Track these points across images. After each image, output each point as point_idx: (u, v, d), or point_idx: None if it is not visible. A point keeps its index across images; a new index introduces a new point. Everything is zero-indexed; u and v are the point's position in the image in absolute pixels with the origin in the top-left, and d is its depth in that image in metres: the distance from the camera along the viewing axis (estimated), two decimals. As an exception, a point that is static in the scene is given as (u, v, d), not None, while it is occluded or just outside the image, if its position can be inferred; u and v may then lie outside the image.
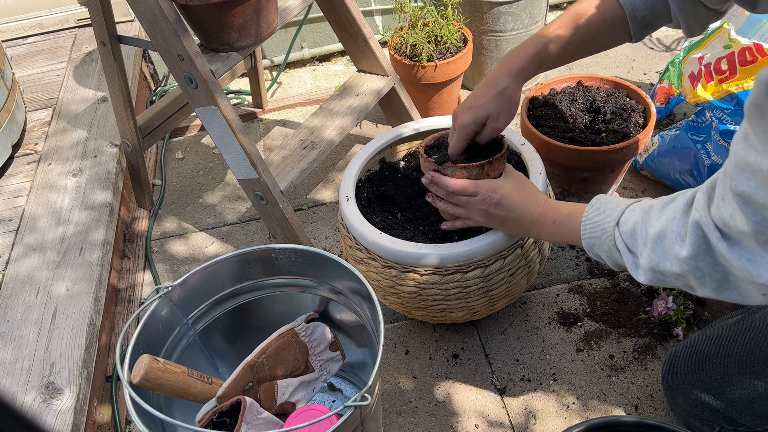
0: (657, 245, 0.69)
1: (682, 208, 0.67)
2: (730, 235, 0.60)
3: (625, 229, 0.75)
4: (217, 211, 1.58)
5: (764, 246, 0.57)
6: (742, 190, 0.56)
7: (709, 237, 0.62)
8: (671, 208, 0.69)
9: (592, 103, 1.34)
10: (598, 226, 0.79)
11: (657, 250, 0.69)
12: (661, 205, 0.71)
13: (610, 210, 0.78)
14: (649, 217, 0.72)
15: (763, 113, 0.52)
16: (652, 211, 0.72)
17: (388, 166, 1.24)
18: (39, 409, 0.99)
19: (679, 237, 0.66)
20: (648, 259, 0.71)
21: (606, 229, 0.78)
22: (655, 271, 0.71)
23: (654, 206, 0.72)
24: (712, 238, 0.61)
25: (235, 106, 1.90)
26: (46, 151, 1.54)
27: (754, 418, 0.86)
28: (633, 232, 0.74)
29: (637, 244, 0.73)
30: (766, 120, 0.53)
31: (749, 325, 0.89)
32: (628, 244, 0.74)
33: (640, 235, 0.72)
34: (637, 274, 0.74)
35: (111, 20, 1.22)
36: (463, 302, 1.03)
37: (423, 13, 1.57)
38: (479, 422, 1.06)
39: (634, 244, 0.74)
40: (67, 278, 1.21)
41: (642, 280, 0.74)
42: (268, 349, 0.91)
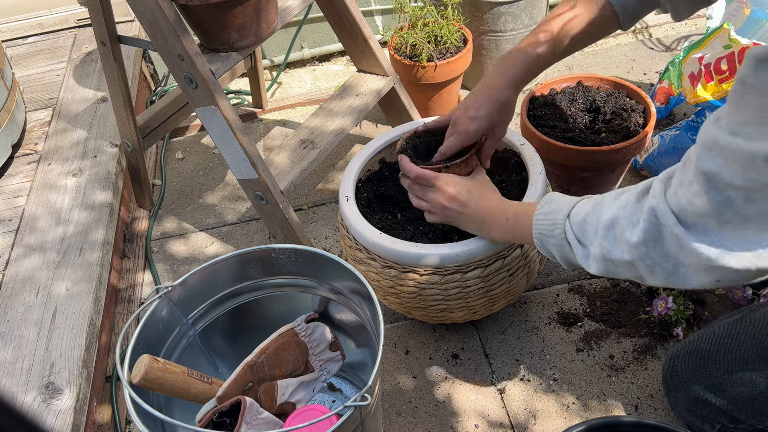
0: (609, 232, 0.69)
1: (635, 196, 0.68)
2: (687, 220, 0.60)
3: (575, 221, 0.75)
4: (217, 211, 1.58)
5: (724, 226, 0.57)
6: (708, 169, 0.56)
7: (663, 223, 0.62)
8: (624, 197, 0.69)
9: (592, 103, 1.34)
10: (548, 219, 0.79)
11: (608, 238, 0.69)
12: (613, 195, 0.72)
13: (562, 205, 0.79)
14: (601, 207, 0.72)
15: (745, 89, 0.52)
16: (605, 201, 0.72)
17: (388, 166, 1.24)
18: (39, 409, 0.99)
19: (631, 223, 0.66)
20: (599, 248, 0.71)
21: (556, 222, 0.77)
22: (606, 259, 0.70)
23: (606, 197, 0.72)
24: (668, 223, 0.61)
25: (235, 106, 1.90)
26: (46, 151, 1.54)
27: (755, 416, 0.86)
28: (584, 222, 0.74)
29: (588, 235, 0.73)
30: (745, 97, 0.52)
31: (750, 322, 0.90)
32: (579, 236, 0.74)
33: (591, 224, 0.72)
34: (588, 264, 0.74)
35: (111, 20, 1.22)
36: (463, 302, 1.03)
37: (423, 13, 1.57)
38: (479, 422, 1.06)
39: (585, 235, 0.73)
40: (67, 278, 1.21)
41: (593, 270, 0.73)
42: (268, 349, 0.91)
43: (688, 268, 0.62)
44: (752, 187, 0.53)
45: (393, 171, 1.24)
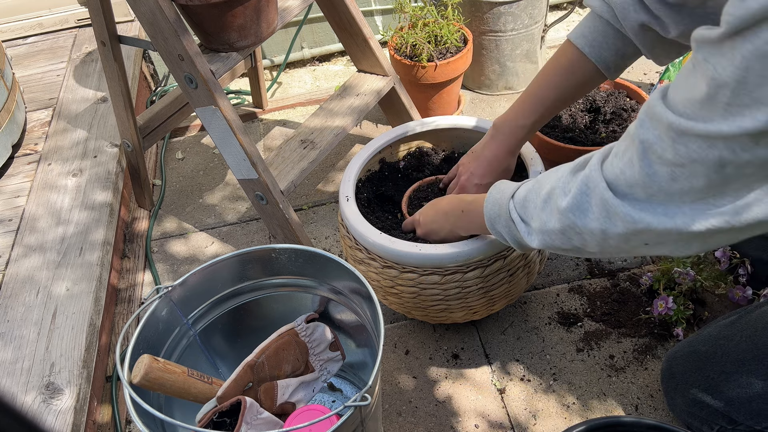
0: (546, 204, 0.72)
1: (573, 167, 0.70)
2: (618, 188, 0.62)
3: (518, 200, 0.78)
4: (217, 211, 1.58)
5: (650, 198, 0.60)
6: (645, 137, 0.58)
7: (593, 188, 0.64)
8: (563, 169, 0.72)
9: (592, 103, 1.34)
10: (496, 203, 0.83)
11: (546, 210, 0.72)
12: (554, 169, 0.74)
13: (508, 188, 0.82)
14: (540, 183, 0.75)
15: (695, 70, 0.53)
16: (544, 176, 0.75)
17: (388, 166, 1.24)
18: (39, 409, 0.99)
19: (563, 192, 0.69)
20: (539, 221, 0.73)
21: (502, 204, 0.81)
22: (543, 231, 0.73)
23: (547, 172, 0.75)
24: (598, 189, 0.64)
25: (235, 106, 1.90)
26: (46, 151, 1.54)
27: (752, 417, 0.86)
28: (525, 200, 0.77)
29: (528, 211, 0.76)
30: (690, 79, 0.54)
31: (745, 323, 0.90)
32: (521, 214, 0.77)
33: (532, 200, 0.75)
34: (530, 240, 0.76)
35: (111, 20, 1.22)
36: (462, 302, 1.03)
37: (423, 13, 1.57)
38: (479, 422, 1.07)
39: (526, 212, 0.76)
40: (67, 278, 1.21)
41: (535, 244, 0.76)
42: (268, 349, 0.91)
43: (617, 235, 0.64)
44: (679, 163, 0.55)
45: (393, 171, 1.24)
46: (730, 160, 0.52)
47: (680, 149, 0.55)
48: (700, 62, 0.52)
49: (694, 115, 0.53)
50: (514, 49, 1.69)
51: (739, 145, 0.51)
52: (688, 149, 0.54)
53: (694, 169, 0.55)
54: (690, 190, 0.57)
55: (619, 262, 1.28)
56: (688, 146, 0.54)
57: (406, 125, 1.22)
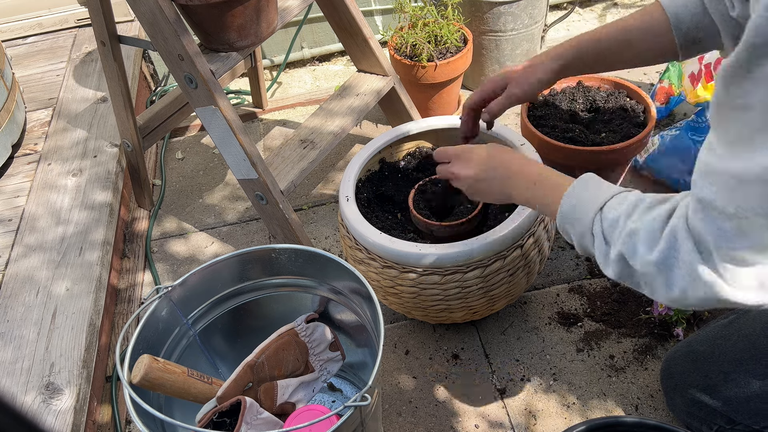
0: (630, 239, 0.67)
1: (666, 212, 0.66)
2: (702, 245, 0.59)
3: (608, 217, 0.71)
4: (217, 211, 1.58)
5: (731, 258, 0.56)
6: (703, 195, 0.56)
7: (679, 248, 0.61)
8: (657, 211, 0.67)
9: (592, 103, 1.34)
10: (577, 209, 0.74)
11: (628, 244, 0.67)
12: (647, 204, 0.69)
13: (598, 192, 0.73)
14: (634, 213, 0.69)
15: (720, 110, 0.52)
16: (640, 207, 0.69)
17: (388, 166, 1.24)
18: (39, 409, 0.99)
19: (650, 240, 0.65)
20: (618, 252, 0.68)
21: (587, 211, 0.72)
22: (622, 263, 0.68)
23: (644, 201, 0.69)
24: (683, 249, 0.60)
25: (235, 106, 1.90)
26: (46, 151, 1.54)
27: (751, 416, 0.86)
28: (615, 222, 0.70)
29: (614, 235, 0.69)
30: (723, 119, 0.52)
31: (743, 323, 0.90)
32: (606, 233, 0.70)
33: (620, 227, 0.69)
34: (606, 264, 0.70)
35: (111, 20, 1.22)
36: (463, 302, 1.03)
37: (423, 13, 1.57)
38: (479, 422, 1.06)
39: (612, 234, 0.70)
40: (67, 278, 1.21)
41: (610, 272, 0.70)
42: (268, 349, 0.91)
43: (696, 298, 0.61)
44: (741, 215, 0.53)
45: (393, 171, 1.24)
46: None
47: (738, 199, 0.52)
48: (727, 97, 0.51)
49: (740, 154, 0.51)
50: (514, 49, 1.69)
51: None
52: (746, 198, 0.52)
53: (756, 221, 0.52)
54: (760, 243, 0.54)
55: (619, 262, 1.28)
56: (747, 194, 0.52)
57: (406, 125, 1.22)
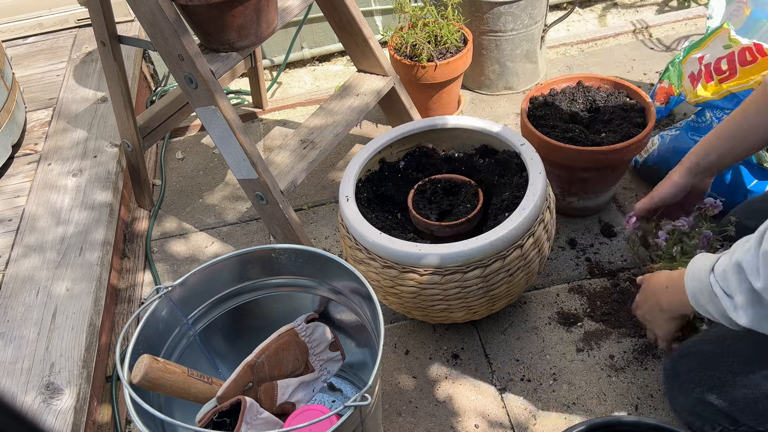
0: (738, 275, 0.69)
1: (757, 238, 0.67)
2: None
3: (718, 272, 0.74)
4: (217, 211, 1.58)
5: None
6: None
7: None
8: (751, 240, 0.68)
9: (592, 103, 1.34)
10: (695, 277, 0.79)
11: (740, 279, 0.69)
12: (745, 239, 0.71)
13: (707, 261, 0.79)
14: (734, 253, 0.71)
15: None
16: (737, 246, 0.71)
17: (388, 166, 1.24)
18: (39, 409, 0.99)
19: (754, 268, 0.66)
20: (743, 297, 0.70)
21: (702, 279, 0.77)
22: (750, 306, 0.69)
23: (740, 242, 0.71)
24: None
25: (235, 106, 1.90)
26: (46, 151, 1.54)
27: (756, 418, 0.86)
28: (725, 272, 0.73)
29: (731, 285, 0.72)
30: None
31: None
32: (723, 287, 0.73)
33: (731, 272, 0.71)
34: (737, 315, 0.72)
35: (111, 20, 1.22)
36: (463, 302, 1.03)
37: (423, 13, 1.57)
38: (479, 422, 1.06)
39: (728, 285, 0.72)
40: (67, 278, 1.21)
41: (743, 321, 0.71)
42: (268, 349, 0.91)
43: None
44: None
45: (393, 171, 1.24)
46: None
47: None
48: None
49: None
50: (514, 49, 1.69)
51: None
52: None
53: None
54: None
55: (619, 262, 1.28)
56: None
57: (406, 125, 1.22)
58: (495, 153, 1.20)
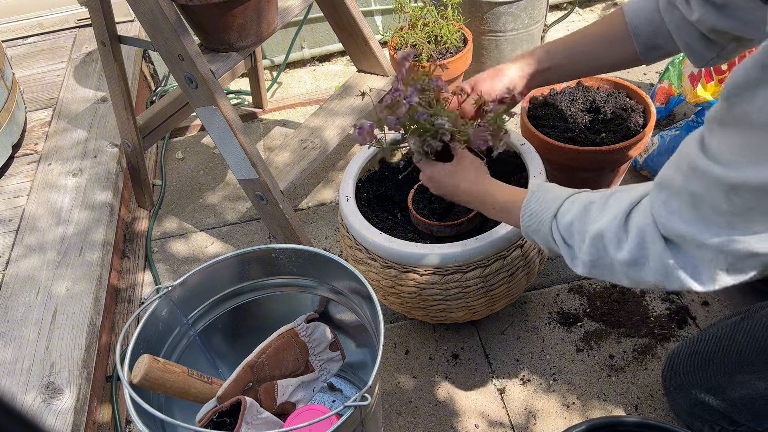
0: (597, 242, 0.69)
1: (625, 208, 0.67)
2: (672, 239, 0.61)
3: (562, 222, 0.75)
4: (217, 211, 1.58)
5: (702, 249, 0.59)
6: (694, 190, 0.57)
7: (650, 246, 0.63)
8: (613, 209, 0.69)
9: (592, 103, 1.34)
10: (536, 216, 0.79)
11: (597, 246, 0.69)
12: (601, 203, 0.71)
13: (550, 200, 0.78)
14: (588, 215, 0.71)
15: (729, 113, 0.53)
16: (593, 208, 0.71)
17: (388, 166, 1.24)
18: (39, 409, 0.99)
19: (617, 241, 0.66)
20: (588, 255, 0.71)
21: (543, 220, 0.77)
22: (593, 266, 0.71)
23: (595, 203, 0.72)
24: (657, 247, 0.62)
25: (235, 106, 1.90)
26: (46, 151, 1.54)
27: (754, 418, 0.86)
28: (570, 226, 0.74)
29: (575, 240, 0.73)
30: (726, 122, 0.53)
31: (749, 324, 0.89)
32: (565, 237, 0.74)
33: (578, 230, 0.72)
34: (574, 265, 0.74)
35: (111, 20, 1.22)
36: (463, 302, 1.03)
37: (423, 13, 1.57)
38: (479, 422, 1.06)
39: (571, 239, 0.74)
40: (67, 278, 1.21)
41: (579, 271, 0.73)
42: (268, 349, 0.91)
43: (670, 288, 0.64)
44: (735, 212, 0.54)
45: (393, 171, 1.24)
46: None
47: (735, 200, 0.54)
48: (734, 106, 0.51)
49: (741, 163, 0.52)
50: (514, 50, 1.69)
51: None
52: (743, 199, 0.53)
53: (749, 216, 0.54)
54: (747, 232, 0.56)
55: (619, 262, 1.28)
56: (743, 196, 0.53)
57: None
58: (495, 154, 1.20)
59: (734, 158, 0.53)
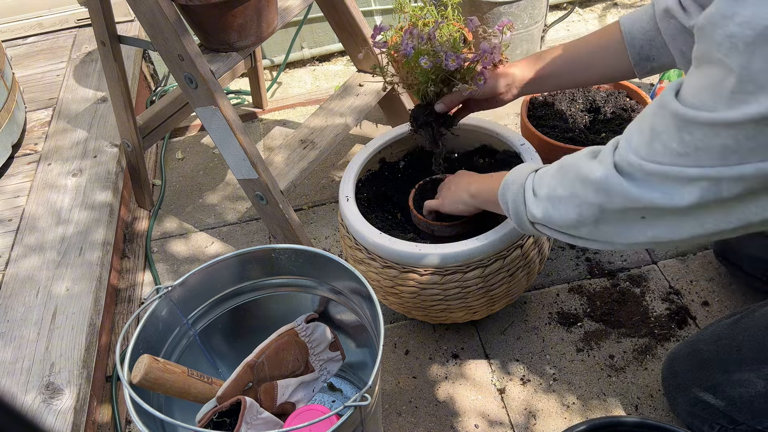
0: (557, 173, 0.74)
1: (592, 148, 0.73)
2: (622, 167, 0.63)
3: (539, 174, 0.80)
4: (217, 211, 1.58)
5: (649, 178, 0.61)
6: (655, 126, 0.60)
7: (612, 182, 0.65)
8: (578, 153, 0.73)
9: (592, 103, 1.34)
10: (518, 170, 0.84)
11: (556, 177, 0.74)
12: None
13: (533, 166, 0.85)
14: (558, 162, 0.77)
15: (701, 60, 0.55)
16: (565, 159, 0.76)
17: (388, 166, 1.24)
18: (39, 409, 0.99)
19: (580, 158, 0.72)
20: (548, 188, 0.75)
21: (523, 172, 0.83)
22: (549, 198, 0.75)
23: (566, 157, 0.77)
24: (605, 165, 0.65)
25: (235, 106, 1.90)
26: (46, 151, 1.54)
27: (754, 417, 0.86)
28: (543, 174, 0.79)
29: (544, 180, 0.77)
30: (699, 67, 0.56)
31: (748, 323, 0.90)
32: (535, 185, 0.79)
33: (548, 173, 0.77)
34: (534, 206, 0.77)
35: (111, 20, 1.22)
36: (462, 302, 1.03)
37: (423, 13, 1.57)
38: (479, 422, 1.07)
39: (541, 182, 0.78)
40: (67, 278, 1.21)
41: (537, 211, 0.77)
42: (268, 349, 0.91)
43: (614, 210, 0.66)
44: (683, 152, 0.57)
45: (393, 171, 1.24)
46: (734, 149, 0.53)
47: (685, 137, 0.56)
48: (705, 53, 0.53)
49: (701, 105, 0.54)
50: (513, 50, 1.69)
51: (743, 132, 0.52)
52: (693, 137, 0.55)
53: (698, 157, 0.56)
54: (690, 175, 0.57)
55: (619, 262, 1.28)
56: (693, 134, 0.55)
57: (406, 125, 1.22)
58: (495, 153, 1.20)
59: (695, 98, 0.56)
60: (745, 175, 0.54)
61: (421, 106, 1.08)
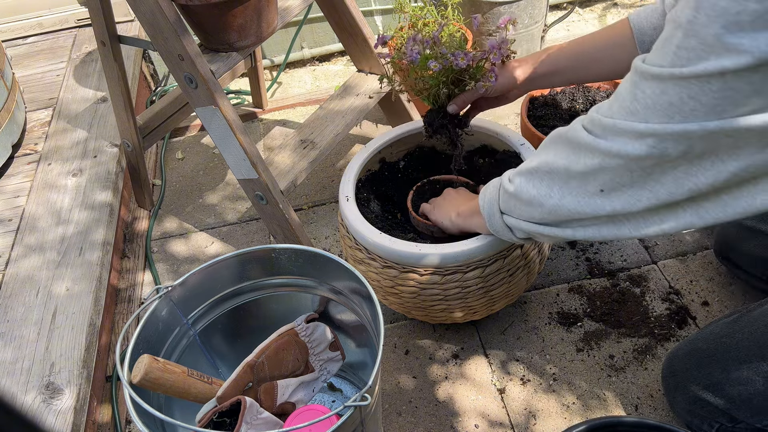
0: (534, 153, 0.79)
1: None
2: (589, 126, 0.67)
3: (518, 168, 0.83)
4: (217, 211, 1.58)
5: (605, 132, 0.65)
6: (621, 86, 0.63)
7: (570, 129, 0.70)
8: None
9: (592, 103, 1.34)
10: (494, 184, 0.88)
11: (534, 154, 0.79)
12: None
13: None
14: None
15: None
16: None
17: (388, 166, 1.24)
18: (39, 409, 0.99)
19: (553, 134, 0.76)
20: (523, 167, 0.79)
21: (505, 175, 0.85)
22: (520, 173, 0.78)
23: None
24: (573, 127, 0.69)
25: (235, 106, 1.90)
26: (46, 151, 1.54)
27: (753, 415, 0.86)
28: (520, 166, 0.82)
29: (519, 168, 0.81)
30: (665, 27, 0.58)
31: (747, 321, 0.90)
32: (510, 175, 0.82)
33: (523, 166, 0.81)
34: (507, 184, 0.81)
35: (111, 20, 1.22)
36: (462, 302, 1.03)
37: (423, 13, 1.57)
38: (479, 422, 1.07)
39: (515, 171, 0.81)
40: (67, 278, 1.21)
41: (510, 188, 0.80)
42: (268, 349, 0.91)
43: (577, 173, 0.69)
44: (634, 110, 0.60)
45: (393, 171, 1.24)
46: (678, 107, 0.55)
47: (638, 95, 0.59)
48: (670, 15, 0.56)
49: (653, 61, 0.58)
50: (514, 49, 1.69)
51: (686, 90, 0.54)
52: (644, 95, 0.58)
53: (646, 114, 0.58)
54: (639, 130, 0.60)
55: (619, 262, 1.28)
56: (645, 92, 0.58)
57: (406, 125, 1.22)
58: (495, 153, 1.20)
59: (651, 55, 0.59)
60: (689, 132, 0.56)
61: (434, 111, 1.08)
